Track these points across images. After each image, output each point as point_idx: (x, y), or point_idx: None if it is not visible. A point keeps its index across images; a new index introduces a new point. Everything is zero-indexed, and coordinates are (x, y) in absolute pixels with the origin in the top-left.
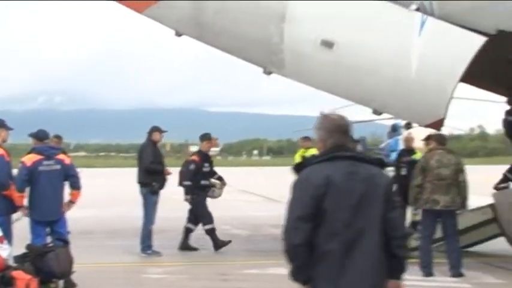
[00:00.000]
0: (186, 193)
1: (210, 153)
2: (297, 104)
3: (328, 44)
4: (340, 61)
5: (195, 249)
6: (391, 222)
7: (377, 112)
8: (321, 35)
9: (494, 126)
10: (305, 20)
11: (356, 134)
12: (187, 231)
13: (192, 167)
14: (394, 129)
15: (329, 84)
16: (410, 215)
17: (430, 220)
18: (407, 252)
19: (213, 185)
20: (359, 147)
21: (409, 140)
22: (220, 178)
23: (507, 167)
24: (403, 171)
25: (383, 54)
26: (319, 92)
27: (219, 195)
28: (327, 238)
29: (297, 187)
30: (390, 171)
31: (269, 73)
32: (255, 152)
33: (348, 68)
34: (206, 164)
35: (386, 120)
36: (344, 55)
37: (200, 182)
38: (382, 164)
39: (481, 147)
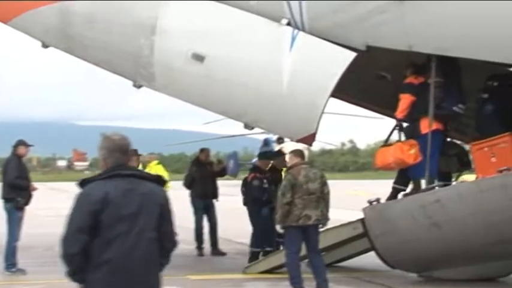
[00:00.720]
0: None
1: (78, 167)
2: (169, 117)
3: (199, 58)
4: (211, 75)
5: None
6: (166, 235)
7: (249, 126)
8: (191, 48)
9: (364, 140)
10: (176, 33)
11: (228, 148)
12: None
13: None
14: (266, 144)
15: (200, 98)
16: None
17: (298, 236)
18: (169, 260)
19: None
20: (231, 162)
21: None
22: None
23: (377, 181)
24: None
25: (254, 68)
26: (191, 106)
27: None
28: (103, 249)
29: (77, 201)
30: None
31: (139, 86)
32: None
33: (218, 82)
34: None
35: (259, 135)
36: (215, 69)
37: None
38: (161, 181)
39: (351, 162)
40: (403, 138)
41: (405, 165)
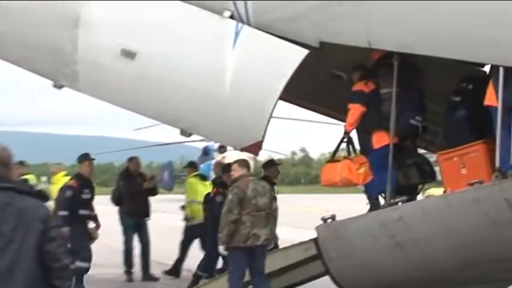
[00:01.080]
0: (64, 225)
1: None
2: (96, 122)
3: (129, 54)
4: (143, 73)
5: None
6: (49, 254)
7: (185, 133)
8: (121, 44)
9: (318, 149)
10: (103, 26)
11: (162, 158)
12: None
13: (68, 193)
14: (206, 153)
15: (131, 100)
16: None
17: (243, 258)
18: (67, 282)
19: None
20: (165, 173)
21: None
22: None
23: (331, 196)
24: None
25: (192, 66)
26: (120, 110)
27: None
28: None
29: None
30: None
31: (60, 87)
32: (44, 178)
33: (151, 82)
34: (86, 190)
35: (198, 142)
36: (147, 67)
37: (78, 212)
38: (43, 197)
39: (303, 173)
40: (355, 151)
41: (353, 185)
